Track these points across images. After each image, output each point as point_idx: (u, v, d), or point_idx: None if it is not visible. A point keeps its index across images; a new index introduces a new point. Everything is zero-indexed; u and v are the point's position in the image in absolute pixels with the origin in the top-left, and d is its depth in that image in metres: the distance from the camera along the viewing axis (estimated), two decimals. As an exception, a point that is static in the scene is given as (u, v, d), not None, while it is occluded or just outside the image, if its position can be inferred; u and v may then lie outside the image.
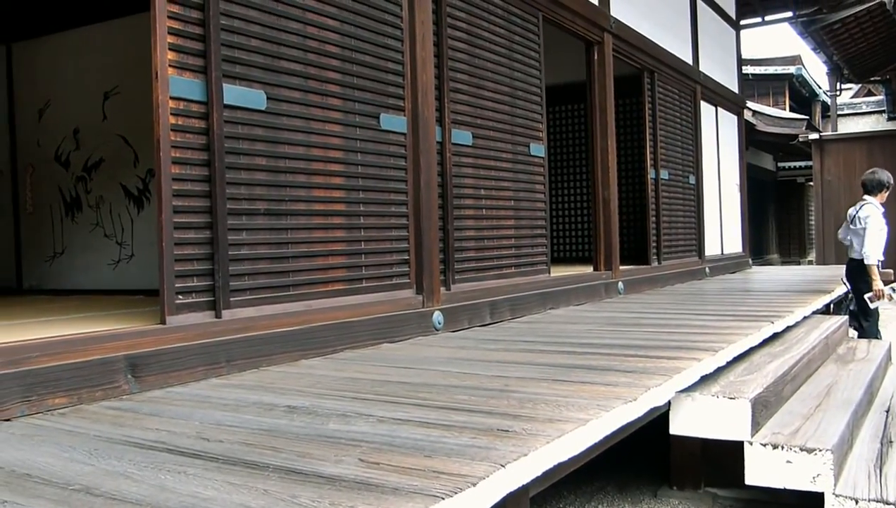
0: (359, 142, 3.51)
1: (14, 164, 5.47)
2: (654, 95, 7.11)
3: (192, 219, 2.75)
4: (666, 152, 7.34)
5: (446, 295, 4.05)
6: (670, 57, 7.41)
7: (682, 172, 7.81)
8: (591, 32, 5.85)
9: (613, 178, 6.05)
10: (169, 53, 2.68)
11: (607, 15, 6.06)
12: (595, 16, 5.85)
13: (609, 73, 6.05)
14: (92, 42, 5.04)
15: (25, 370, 2.18)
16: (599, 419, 2.04)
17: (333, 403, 2.29)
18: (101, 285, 5.02)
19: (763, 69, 22.38)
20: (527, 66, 4.97)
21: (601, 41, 5.99)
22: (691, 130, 8.08)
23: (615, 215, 6.06)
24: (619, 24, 6.25)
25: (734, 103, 9.83)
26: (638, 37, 6.65)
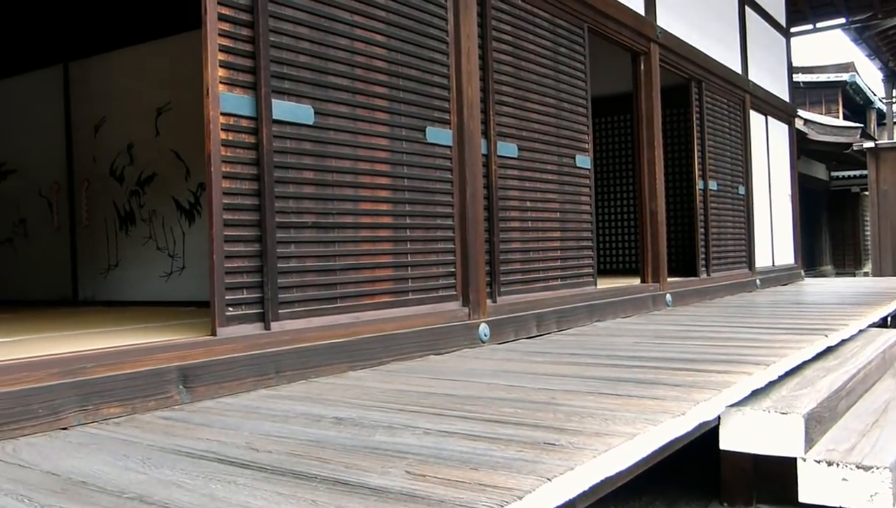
0: (405, 155, 3.54)
1: (71, 179, 5.62)
2: (701, 105, 7.04)
3: (241, 232, 2.79)
4: (714, 163, 7.26)
5: (492, 307, 4.05)
6: (718, 66, 7.34)
7: (732, 183, 7.71)
8: (637, 43, 5.82)
9: (661, 189, 6.00)
10: (220, 70, 2.74)
11: (654, 25, 6.03)
12: (641, 26, 5.82)
13: (655, 83, 6.01)
14: (145, 60, 5.17)
15: (82, 380, 2.24)
16: (647, 434, 2.03)
17: (380, 414, 2.30)
18: (153, 296, 5.12)
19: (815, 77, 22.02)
20: (572, 77, 4.96)
21: (647, 51, 5.96)
22: (740, 139, 7.98)
23: (663, 226, 6.01)
24: (666, 34, 6.21)
25: (785, 112, 9.69)
26: (685, 46, 6.60)
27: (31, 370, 2.16)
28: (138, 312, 4.45)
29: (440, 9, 3.80)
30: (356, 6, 3.32)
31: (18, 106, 5.96)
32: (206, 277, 4.61)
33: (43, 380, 2.17)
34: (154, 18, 5.08)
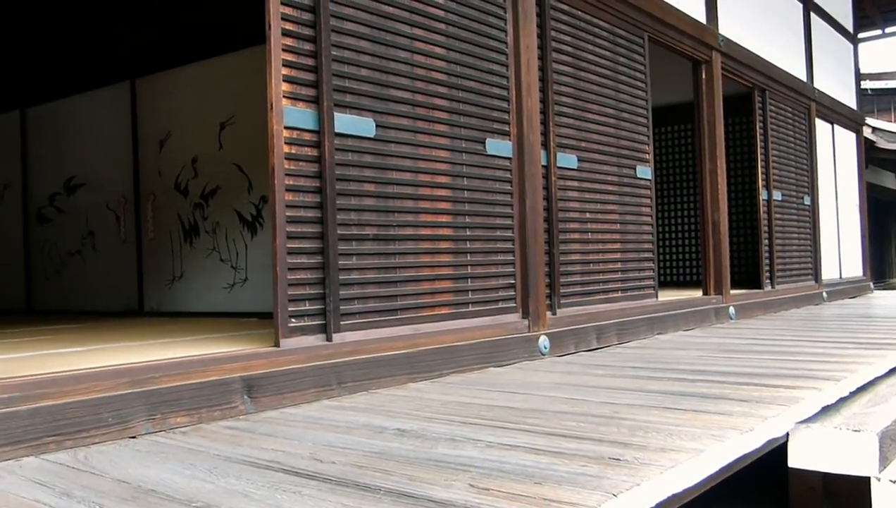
0: (465, 167, 3.54)
1: (137, 192, 5.76)
2: (765, 113, 6.91)
3: (304, 244, 2.82)
4: (779, 173, 7.11)
5: (552, 319, 4.02)
6: (782, 74, 7.19)
7: (797, 193, 7.54)
8: (698, 51, 5.75)
9: (723, 199, 5.90)
10: (283, 85, 2.78)
11: (715, 33, 5.94)
12: (702, 34, 5.75)
13: (718, 92, 5.92)
14: (209, 75, 5.28)
15: (150, 389, 2.28)
16: (714, 451, 1.98)
17: (442, 427, 2.30)
18: (216, 307, 5.21)
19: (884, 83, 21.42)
20: (632, 87, 4.92)
21: (709, 60, 5.87)
22: (805, 148, 7.80)
23: (725, 237, 5.90)
24: (728, 42, 6.11)
25: (852, 120, 9.45)
26: (748, 54, 6.49)
27: (102, 379, 2.21)
28: (202, 323, 4.52)
29: (500, 21, 3.80)
30: (416, 20, 3.34)
31: (88, 122, 6.14)
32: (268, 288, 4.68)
33: (112, 389, 2.21)
34: (217, 35, 5.19)
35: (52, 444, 2.06)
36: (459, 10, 3.57)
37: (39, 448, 2.03)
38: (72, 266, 6.30)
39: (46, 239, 6.50)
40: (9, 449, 1.98)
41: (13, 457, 1.98)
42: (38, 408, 2.05)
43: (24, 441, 2.00)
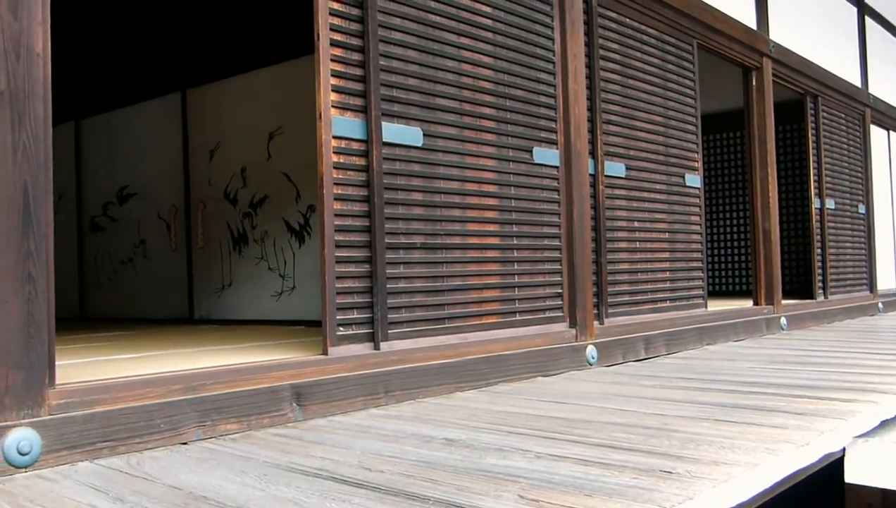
0: (512, 176, 3.53)
1: (187, 201, 5.85)
2: (817, 120, 6.78)
3: (352, 253, 2.84)
4: (832, 181, 6.97)
5: (600, 329, 3.98)
6: (835, 80, 7.06)
7: (850, 201, 7.38)
8: (748, 58, 5.67)
9: (774, 208, 5.80)
10: (332, 95, 2.80)
11: (766, 39, 5.86)
12: (753, 40, 5.67)
13: (768, 99, 5.82)
14: (258, 86, 5.35)
15: (201, 396, 2.31)
16: (769, 464, 1.94)
17: (490, 436, 2.29)
18: (264, 315, 5.26)
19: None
20: (681, 94, 4.86)
21: (759, 66, 5.79)
22: (860, 156, 7.64)
23: (776, 246, 5.80)
24: (779, 48, 6.02)
25: (908, 126, 9.23)
26: (800, 60, 6.38)
27: (154, 386, 2.24)
28: (251, 330, 4.57)
29: (547, 29, 3.79)
30: (463, 28, 3.35)
31: (141, 132, 6.26)
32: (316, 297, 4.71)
33: (165, 396, 2.24)
34: (266, 46, 5.26)
35: (106, 449, 2.09)
36: (507, 19, 3.56)
37: (94, 453, 2.07)
38: (124, 274, 6.42)
39: (99, 248, 6.64)
40: (65, 454, 2.01)
41: (69, 462, 2.02)
42: (93, 414, 2.08)
43: (79, 446, 2.04)
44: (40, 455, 1.96)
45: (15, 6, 2.02)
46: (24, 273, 1.99)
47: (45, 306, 2.04)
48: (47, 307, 2.04)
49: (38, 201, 2.04)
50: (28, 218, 2.01)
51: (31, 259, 2.01)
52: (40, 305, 2.02)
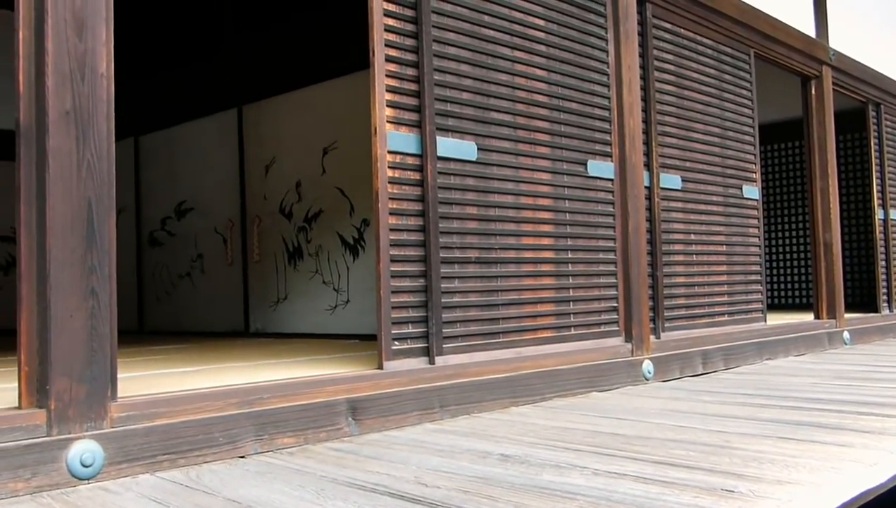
0: (566, 189, 3.51)
1: (243, 216, 5.94)
2: (880, 128, 6.61)
3: (407, 268, 2.84)
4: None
5: (656, 343, 3.93)
6: (898, 88, 6.89)
7: (915, 212, 7.17)
8: (807, 67, 5.56)
9: (835, 219, 5.67)
10: (387, 110, 2.82)
11: (825, 47, 5.74)
12: (812, 49, 5.56)
13: (828, 108, 5.70)
14: (312, 101, 5.41)
15: (258, 410, 2.33)
16: (835, 484, 1.88)
17: (546, 453, 2.26)
18: (318, 329, 5.30)
19: None
20: (738, 105, 4.79)
21: (819, 75, 5.67)
22: (924, 165, 7.42)
23: (838, 258, 5.66)
24: (839, 56, 5.89)
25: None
26: (861, 68, 6.23)
27: (213, 399, 2.27)
28: (305, 344, 4.61)
29: (601, 41, 3.77)
30: (517, 42, 3.34)
31: (198, 148, 6.38)
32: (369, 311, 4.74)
33: (223, 409, 2.27)
34: (320, 62, 5.32)
35: (166, 462, 2.12)
36: (560, 32, 3.55)
37: (154, 466, 2.10)
38: (181, 288, 6.53)
39: (158, 262, 6.77)
40: (125, 467, 2.05)
41: (130, 474, 2.05)
42: (153, 427, 2.11)
43: (140, 459, 2.07)
44: (102, 468, 2.00)
45: (80, 28, 2.07)
46: (88, 288, 2.04)
47: (108, 321, 2.08)
48: (110, 322, 2.08)
49: (102, 217, 2.08)
50: (91, 234, 2.05)
51: (94, 274, 2.05)
52: (103, 319, 2.06)
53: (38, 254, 2.00)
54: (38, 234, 2.00)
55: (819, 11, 5.87)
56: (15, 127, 2.03)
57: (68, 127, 2.03)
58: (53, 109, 2.01)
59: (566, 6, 3.59)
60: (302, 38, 5.52)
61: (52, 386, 1.95)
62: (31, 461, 1.89)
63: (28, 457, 1.89)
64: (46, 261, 1.97)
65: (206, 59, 6.38)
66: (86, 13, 2.08)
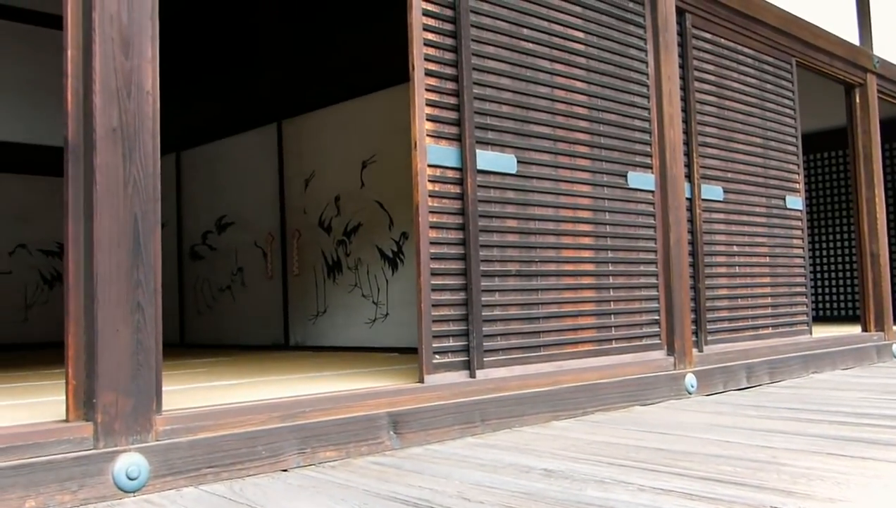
0: (606, 201, 3.49)
1: (283, 230, 5.98)
2: (926, 138, 6.49)
3: (448, 281, 2.84)
4: (943, 200, 6.65)
5: (699, 357, 3.88)
6: (945, 96, 6.75)
7: (964, 222, 7.02)
8: (851, 74, 5.47)
9: (882, 229, 5.56)
10: (427, 123, 2.82)
11: (869, 54, 5.65)
12: (856, 56, 5.47)
13: (874, 116, 5.61)
14: (351, 115, 5.44)
15: (300, 423, 2.34)
16: (887, 502, 1.84)
17: (589, 468, 2.24)
18: (358, 342, 5.32)
19: None
20: (780, 114, 4.73)
21: (863, 83, 5.58)
22: (973, 174, 7.27)
23: (886, 269, 5.55)
24: (884, 63, 5.80)
25: None
26: (906, 76, 6.13)
27: (256, 413, 2.28)
28: (345, 357, 4.62)
29: (640, 52, 3.75)
30: (556, 54, 3.33)
31: (238, 163, 6.45)
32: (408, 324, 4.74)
33: (266, 423, 2.28)
34: (359, 76, 5.35)
35: (210, 475, 2.13)
36: (600, 44, 3.54)
37: (198, 479, 2.11)
38: (222, 301, 6.60)
39: (199, 275, 6.85)
40: (171, 479, 2.06)
41: (174, 487, 2.07)
42: (197, 440, 2.13)
43: (184, 472, 2.09)
44: (148, 480, 2.02)
45: (126, 46, 2.10)
46: (134, 302, 2.06)
47: (154, 335, 2.10)
48: (155, 335, 2.10)
49: (147, 232, 2.11)
50: (137, 249, 2.08)
51: (140, 289, 2.08)
52: (149, 333, 2.09)
53: (85, 269, 2.03)
54: (86, 249, 2.03)
55: (862, 18, 5.78)
56: (63, 144, 2.07)
57: (115, 144, 2.06)
58: (101, 126, 2.04)
59: (606, 18, 3.58)
60: (341, 53, 5.57)
61: (98, 399, 1.98)
62: (79, 473, 1.92)
63: (75, 470, 1.91)
64: (94, 276, 2.00)
65: (246, 75, 6.46)
66: (132, 31, 2.12)
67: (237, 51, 6.55)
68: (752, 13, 4.50)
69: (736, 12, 4.41)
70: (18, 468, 1.84)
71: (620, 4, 3.67)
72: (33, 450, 1.88)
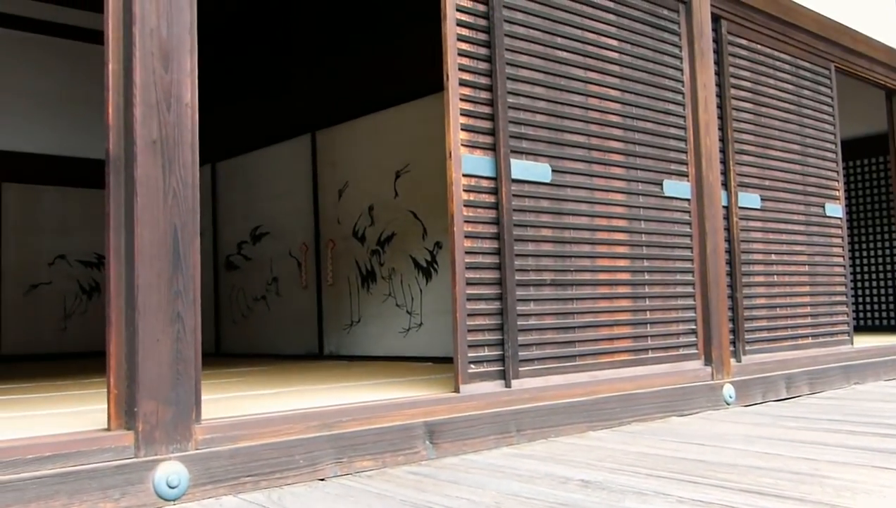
0: (641, 210, 3.46)
1: (317, 240, 6.02)
2: (969, 143, 6.36)
3: (483, 291, 2.84)
4: None
5: (736, 367, 3.83)
6: None
7: None
8: (891, 79, 5.39)
9: (924, 237, 5.46)
10: (462, 133, 2.83)
11: (910, 60, 5.56)
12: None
13: (914, 122, 5.52)
14: (385, 125, 5.47)
15: (337, 433, 2.34)
16: (938, 515, 1.80)
17: (627, 479, 2.22)
18: (392, 351, 5.32)
19: None
20: (818, 120, 4.67)
21: (904, 89, 5.50)
22: None
23: (928, 278, 5.44)
24: (925, 69, 5.70)
25: None
26: (947, 81, 6.02)
27: (294, 422, 2.29)
28: (379, 366, 4.63)
29: (675, 59, 3.72)
30: (590, 63, 3.32)
31: (273, 173, 6.51)
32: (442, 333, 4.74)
33: (304, 432, 2.29)
34: (392, 87, 5.38)
35: (249, 484, 2.15)
36: (634, 52, 3.52)
37: (237, 488, 2.12)
38: (257, 311, 6.65)
39: (234, 285, 6.91)
40: (210, 488, 2.08)
41: (213, 496, 2.08)
42: (236, 449, 2.14)
43: (223, 481, 2.10)
44: (188, 489, 2.03)
45: (166, 59, 2.13)
46: (174, 312, 2.08)
47: (193, 344, 2.12)
48: (194, 345, 2.12)
49: (187, 243, 2.13)
50: (177, 259, 2.10)
51: (179, 299, 2.10)
52: (188, 343, 2.11)
53: (126, 280, 2.05)
54: (127, 260, 2.06)
55: (902, 23, 5.70)
56: (104, 156, 2.10)
57: (155, 156, 2.09)
58: (141, 139, 2.07)
59: (639, 25, 3.57)
60: (374, 63, 5.60)
61: (139, 409, 2.00)
62: (121, 481, 1.94)
63: (117, 478, 1.93)
64: (134, 286, 2.03)
65: (280, 87, 6.52)
66: (171, 45, 2.15)
67: (272, 62, 6.62)
68: (790, 19, 4.45)
69: (773, 18, 4.36)
70: (63, 475, 1.87)
71: (655, 12, 3.65)
72: (77, 458, 1.91)
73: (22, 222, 6.83)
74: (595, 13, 3.38)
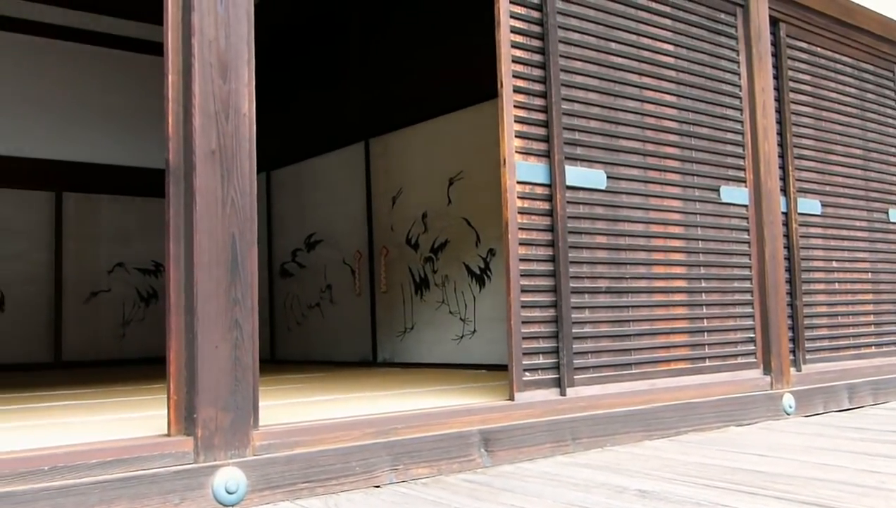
0: (698, 216, 3.42)
1: (371, 247, 6.06)
2: None
3: (537, 298, 2.83)
4: None
5: (797, 376, 3.75)
6: None
7: None
8: (957, 82, 5.23)
9: None
10: (516, 140, 2.82)
11: (978, 61, 5.39)
12: (962, 63, 5.23)
13: (983, 125, 5.34)
14: (438, 133, 5.49)
15: (393, 440, 2.35)
16: None
17: (684, 489, 2.18)
18: (445, 359, 5.32)
19: None
20: (882, 124, 4.55)
21: (971, 90, 5.33)
22: None
23: None
24: None
25: None
26: None
27: (350, 429, 2.30)
28: (433, 374, 4.64)
29: (732, 64, 3.67)
30: (645, 68, 3.29)
31: (327, 181, 6.57)
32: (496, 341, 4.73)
33: (360, 439, 2.30)
34: (445, 94, 5.39)
35: (306, 490, 2.16)
36: (690, 56, 3.48)
37: (294, 494, 2.15)
38: (311, 318, 6.71)
39: (289, 292, 6.98)
40: (267, 494, 2.10)
41: (271, 501, 2.10)
42: (293, 455, 2.16)
43: (280, 487, 2.12)
44: (246, 495, 2.06)
45: (224, 70, 2.17)
46: (232, 319, 2.12)
47: (251, 351, 2.15)
48: (252, 352, 2.15)
49: (244, 251, 2.16)
50: (235, 267, 2.14)
51: (238, 306, 2.13)
52: (246, 349, 2.14)
53: (185, 288, 2.09)
54: (186, 268, 2.10)
55: (969, 23, 5.53)
56: (165, 166, 2.15)
57: (214, 165, 2.13)
58: (200, 149, 2.11)
59: (696, 30, 3.52)
60: (427, 71, 5.62)
61: (198, 415, 2.03)
62: (180, 486, 1.97)
63: (177, 483, 1.97)
64: (194, 294, 2.07)
65: (334, 95, 6.59)
66: (229, 56, 2.19)
67: (325, 71, 6.69)
68: (851, 21, 4.35)
69: (834, 20, 4.27)
70: (124, 480, 1.90)
71: (711, 16, 3.60)
72: (138, 463, 1.94)
73: (82, 230, 7.00)
74: (650, 18, 3.35)
